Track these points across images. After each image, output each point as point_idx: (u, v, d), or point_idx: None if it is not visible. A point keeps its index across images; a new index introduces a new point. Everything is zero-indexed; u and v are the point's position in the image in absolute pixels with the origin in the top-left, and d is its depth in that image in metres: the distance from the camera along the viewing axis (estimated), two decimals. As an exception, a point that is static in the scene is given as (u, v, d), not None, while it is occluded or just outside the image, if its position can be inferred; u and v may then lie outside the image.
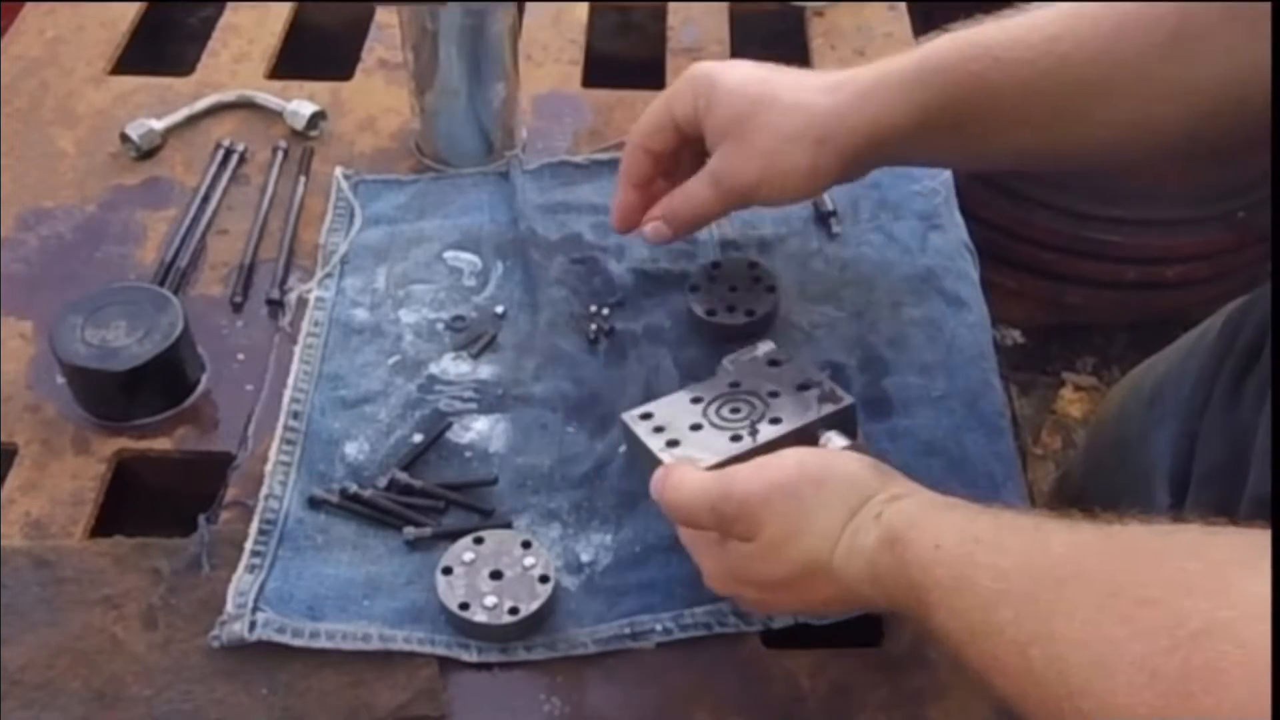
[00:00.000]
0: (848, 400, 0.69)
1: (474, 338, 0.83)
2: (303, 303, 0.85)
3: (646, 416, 0.70)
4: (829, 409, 0.68)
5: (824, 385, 0.70)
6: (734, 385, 0.71)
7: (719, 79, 0.75)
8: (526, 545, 0.69)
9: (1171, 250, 1.79)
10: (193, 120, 1.00)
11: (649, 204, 0.80)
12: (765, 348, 0.74)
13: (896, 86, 0.73)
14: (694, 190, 0.77)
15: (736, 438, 0.67)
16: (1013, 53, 0.70)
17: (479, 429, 0.78)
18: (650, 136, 0.78)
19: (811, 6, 1.12)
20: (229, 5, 1.12)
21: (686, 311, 0.84)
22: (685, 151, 0.79)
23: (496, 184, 0.95)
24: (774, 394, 0.70)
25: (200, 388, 0.80)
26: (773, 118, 0.73)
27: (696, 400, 0.70)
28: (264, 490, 0.73)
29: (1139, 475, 0.84)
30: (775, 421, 0.68)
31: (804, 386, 0.70)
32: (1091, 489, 0.95)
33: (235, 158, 0.96)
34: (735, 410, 0.69)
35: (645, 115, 0.78)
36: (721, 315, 0.82)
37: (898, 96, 0.72)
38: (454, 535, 0.70)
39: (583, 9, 1.12)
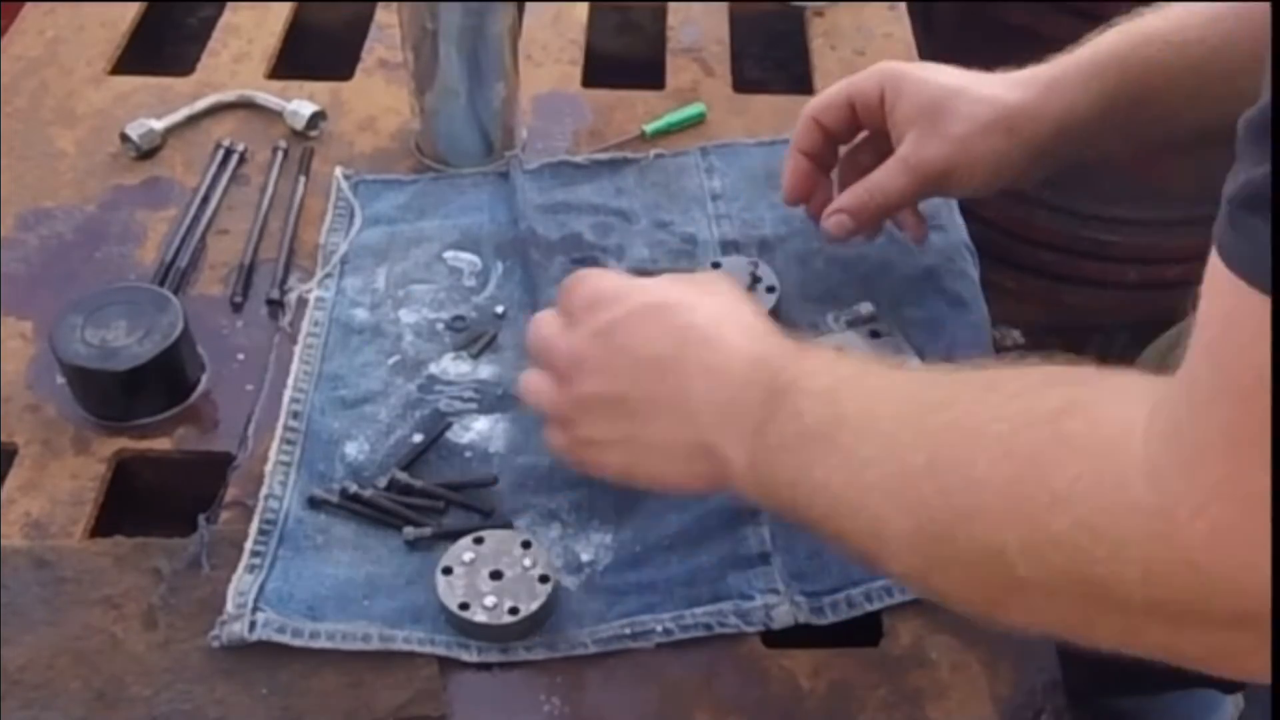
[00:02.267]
0: None
1: (474, 338, 0.83)
2: (303, 303, 0.85)
3: None
4: None
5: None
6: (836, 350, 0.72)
7: (907, 71, 0.78)
8: (526, 545, 0.69)
9: (1171, 250, 1.78)
10: (193, 120, 1.00)
11: (820, 174, 0.81)
12: (867, 308, 0.77)
13: (1078, 79, 0.75)
14: (882, 178, 0.78)
15: None
16: (1182, 35, 0.73)
17: (479, 429, 0.78)
18: (823, 111, 0.80)
19: (811, 6, 1.12)
20: (229, 5, 1.12)
21: None
22: (865, 145, 0.81)
23: (496, 184, 0.95)
24: None
25: (200, 388, 0.80)
26: (963, 106, 0.76)
27: None
28: (264, 490, 0.73)
29: None
30: None
31: None
32: None
33: (235, 158, 0.96)
34: None
35: (820, 95, 0.81)
36: None
37: (1081, 88, 0.75)
38: (454, 535, 0.70)
39: (583, 9, 1.12)
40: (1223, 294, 0.42)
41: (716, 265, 0.85)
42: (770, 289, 0.83)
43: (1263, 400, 0.39)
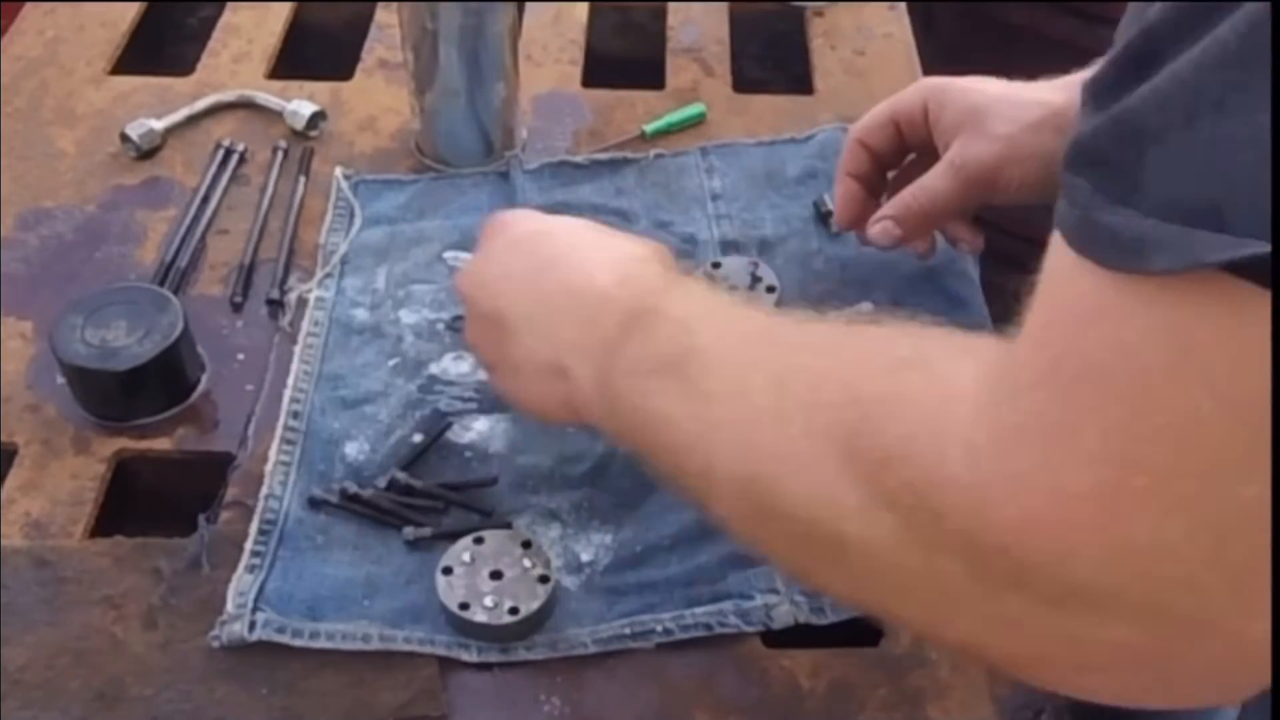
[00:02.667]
0: None
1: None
2: (303, 303, 0.85)
3: None
4: None
5: None
6: None
7: (950, 83, 0.78)
8: (526, 545, 0.69)
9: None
10: (193, 120, 1.00)
11: (870, 199, 0.81)
12: (866, 308, 0.76)
13: None
14: (930, 183, 0.76)
15: None
16: None
17: (479, 429, 0.78)
18: (869, 132, 0.80)
19: (811, 6, 1.12)
20: (229, 5, 1.12)
21: None
22: (913, 167, 0.81)
23: (496, 184, 0.95)
24: None
25: (200, 388, 0.80)
26: (1010, 109, 0.75)
27: None
28: (264, 490, 0.73)
29: None
30: None
31: None
32: None
33: (235, 158, 0.96)
34: None
35: (864, 117, 0.80)
36: None
37: None
38: (454, 535, 0.70)
39: (583, 9, 1.12)
40: (1055, 267, 0.39)
41: (716, 265, 0.85)
42: (770, 289, 0.83)
43: (1084, 391, 0.37)
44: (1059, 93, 0.75)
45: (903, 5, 1.12)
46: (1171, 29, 0.35)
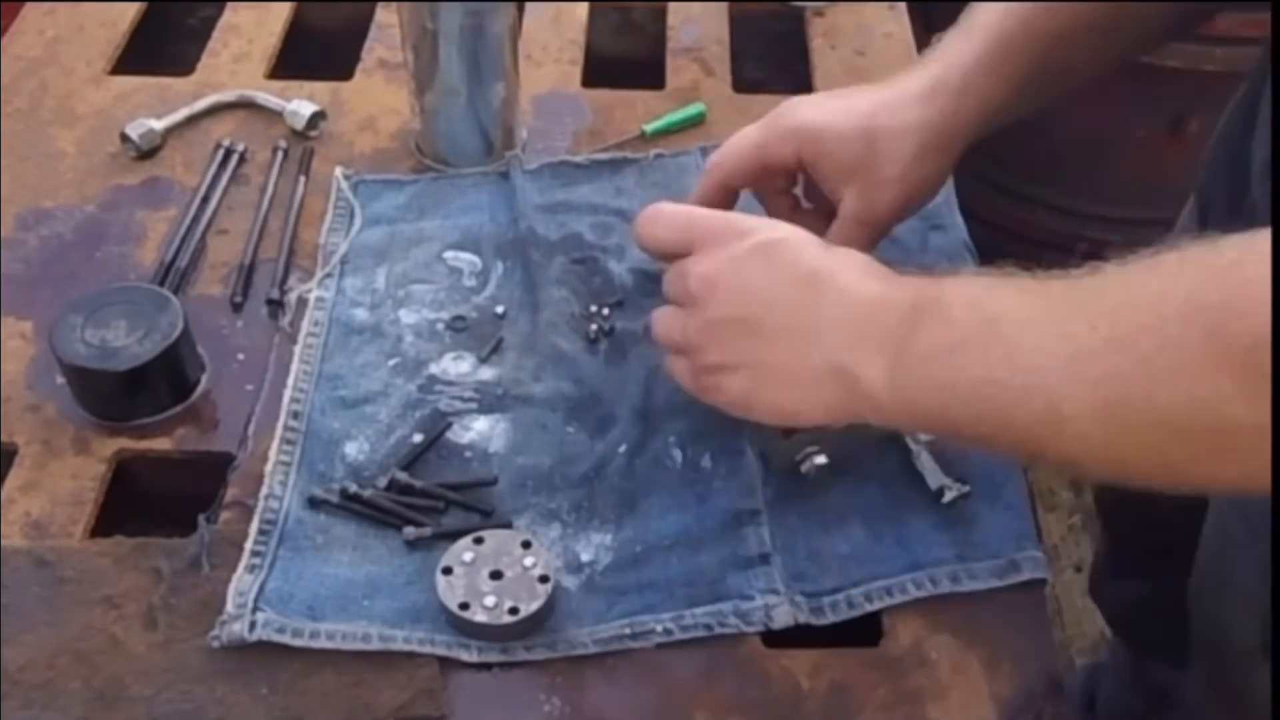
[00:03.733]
0: None
1: (482, 341, 0.83)
2: (303, 303, 0.85)
3: None
4: None
5: None
6: None
7: (822, 129, 0.77)
8: (526, 545, 0.69)
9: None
10: (193, 120, 1.00)
11: None
12: None
13: (983, 74, 0.75)
14: (843, 240, 0.76)
15: None
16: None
17: (479, 429, 0.78)
18: (737, 176, 0.80)
19: (811, 6, 1.12)
20: (229, 5, 1.12)
21: None
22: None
23: (496, 184, 0.95)
24: None
25: (200, 388, 0.80)
26: (890, 145, 0.75)
27: None
28: (264, 490, 0.73)
29: None
30: None
31: None
32: None
33: (235, 158, 0.96)
34: None
35: (730, 155, 0.79)
36: None
37: (988, 82, 0.75)
38: (454, 535, 0.70)
39: (583, 9, 1.12)
40: None
41: None
42: None
43: None
44: (924, 106, 0.75)
45: (903, 5, 1.12)
46: None
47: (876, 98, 0.77)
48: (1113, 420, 0.53)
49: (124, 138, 0.96)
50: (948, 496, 0.73)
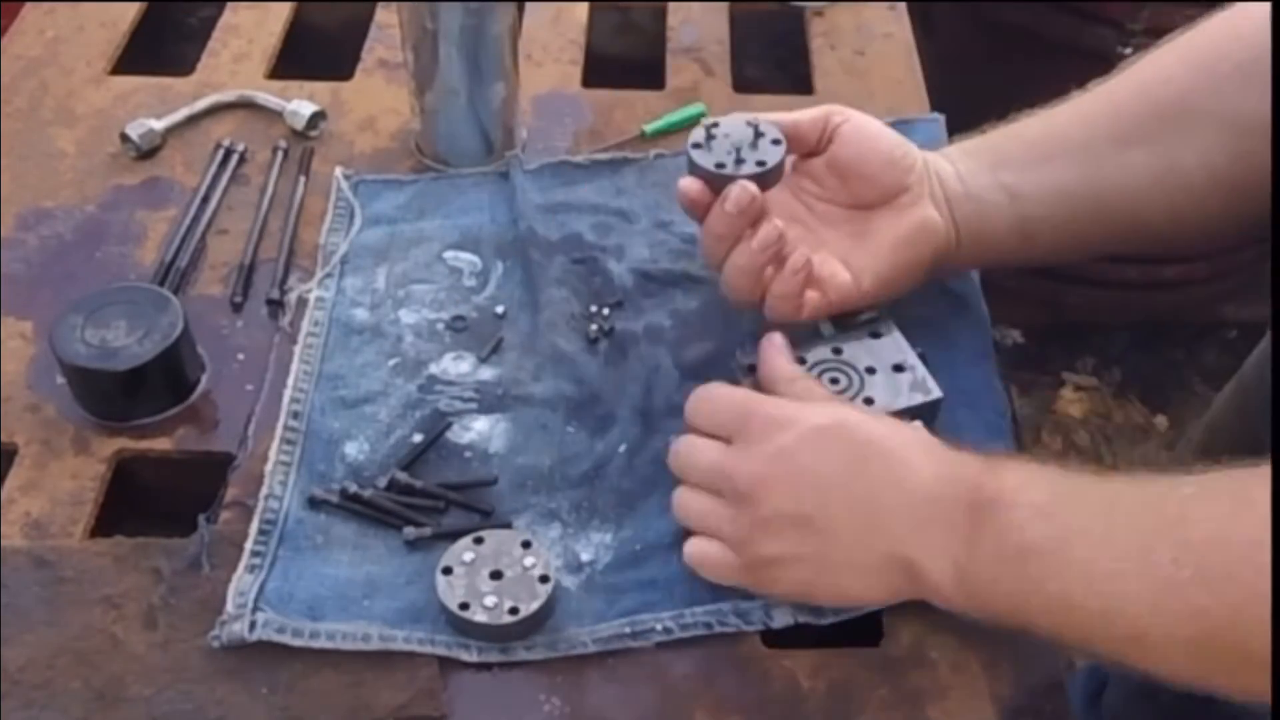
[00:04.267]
0: (936, 394, 0.73)
1: (482, 341, 0.83)
2: (303, 303, 0.85)
3: (752, 369, 0.73)
4: (918, 399, 0.72)
5: (917, 371, 0.73)
6: (836, 351, 0.75)
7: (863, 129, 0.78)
8: (526, 545, 0.69)
9: (1171, 250, 1.78)
10: (193, 120, 1.00)
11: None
12: (868, 314, 0.77)
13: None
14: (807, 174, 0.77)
15: None
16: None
17: (479, 429, 0.78)
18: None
19: (811, 6, 1.12)
20: (229, 5, 1.12)
21: (689, 167, 0.78)
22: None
23: (496, 184, 0.95)
24: (870, 370, 0.74)
25: (200, 388, 0.80)
26: (926, 174, 0.78)
27: (800, 361, 0.73)
28: (264, 490, 0.73)
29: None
30: (868, 401, 0.73)
31: (899, 368, 0.74)
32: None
33: (235, 158, 0.96)
34: (834, 380, 0.74)
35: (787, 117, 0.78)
36: (731, 168, 0.77)
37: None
38: (454, 535, 0.70)
39: (583, 9, 1.12)
40: None
41: (714, 125, 0.79)
42: (775, 141, 0.79)
43: None
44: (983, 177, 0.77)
45: (903, 5, 1.12)
46: None
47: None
48: (1203, 653, 0.54)
49: (124, 138, 0.96)
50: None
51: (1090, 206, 0.76)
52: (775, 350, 0.72)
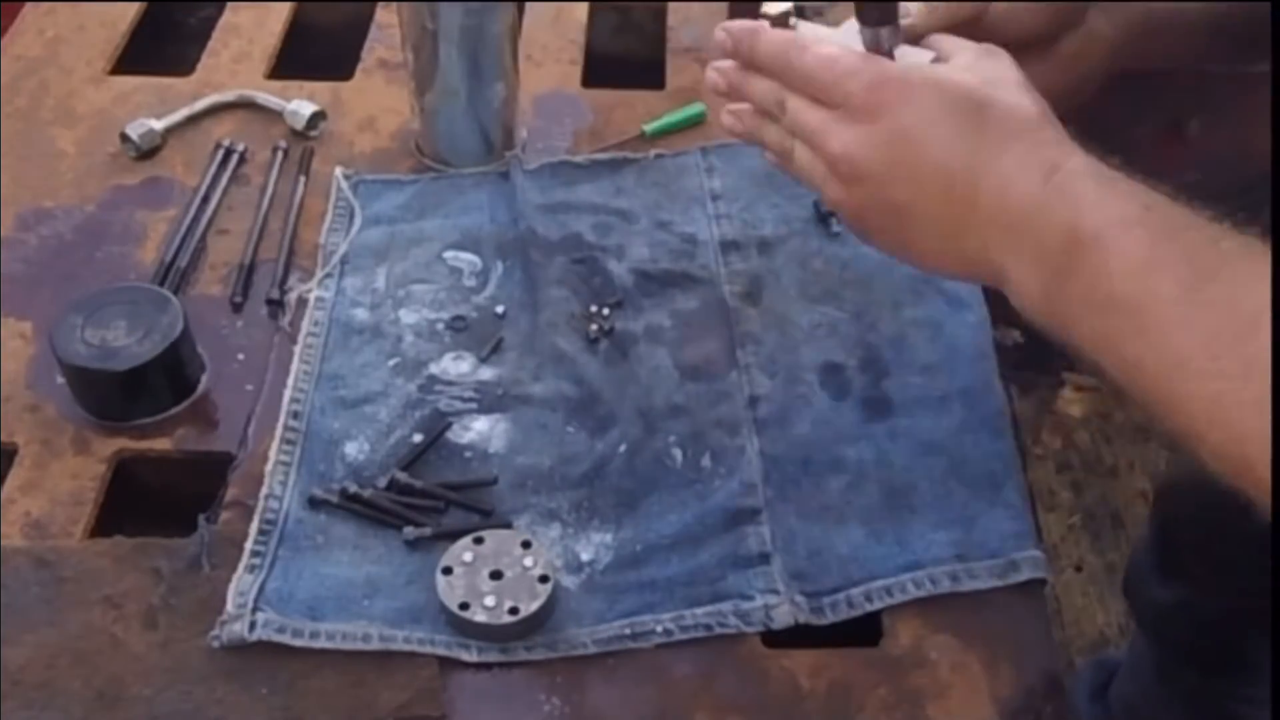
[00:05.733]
0: None
1: (482, 341, 0.83)
2: (303, 303, 0.85)
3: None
4: None
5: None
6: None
7: None
8: (526, 545, 0.69)
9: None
10: (193, 120, 1.00)
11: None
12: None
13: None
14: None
15: None
16: None
17: (479, 429, 0.78)
18: None
19: (811, 6, 1.12)
20: (229, 5, 1.12)
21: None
22: None
23: (496, 184, 0.95)
24: None
25: (200, 388, 0.80)
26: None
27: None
28: (264, 490, 0.73)
29: None
30: None
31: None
32: None
33: (235, 158, 0.96)
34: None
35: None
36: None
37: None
38: (454, 535, 0.70)
39: (583, 9, 1.12)
40: None
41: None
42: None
43: None
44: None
45: (902, 5, 1.12)
46: None
47: None
48: (1242, 466, 0.52)
49: (124, 138, 0.96)
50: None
51: None
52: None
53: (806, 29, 0.70)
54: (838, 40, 0.68)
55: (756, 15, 0.71)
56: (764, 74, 0.68)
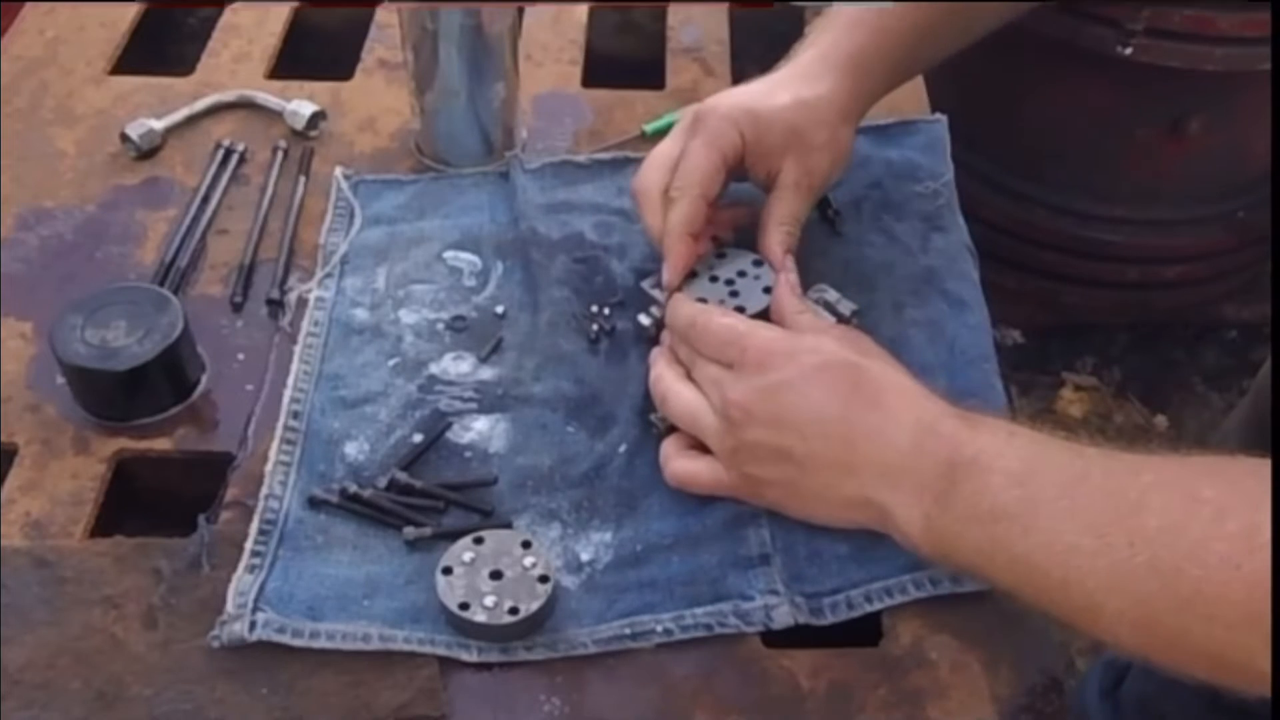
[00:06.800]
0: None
1: (482, 341, 0.83)
2: (303, 303, 0.85)
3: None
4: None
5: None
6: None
7: (756, 108, 0.81)
8: (526, 545, 0.69)
9: (1171, 250, 1.79)
10: (193, 120, 1.00)
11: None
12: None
13: (873, 58, 0.84)
14: (787, 208, 0.81)
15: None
16: None
17: (479, 429, 0.78)
18: (709, 185, 0.80)
19: (811, 6, 1.12)
20: (229, 5, 1.12)
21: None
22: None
23: (496, 184, 0.95)
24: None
25: (200, 388, 0.80)
26: (815, 115, 0.81)
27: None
28: (264, 490, 0.73)
29: None
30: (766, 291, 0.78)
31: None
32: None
33: (235, 158, 0.96)
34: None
35: (692, 167, 0.79)
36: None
37: (877, 65, 0.84)
38: (454, 535, 0.70)
39: (582, 9, 1.12)
40: None
41: (721, 255, 0.82)
42: (766, 290, 0.80)
43: None
44: (833, 79, 0.82)
45: (902, 5, 1.12)
46: None
47: (783, 78, 0.83)
48: (1147, 634, 0.57)
49: (124, 138, 0.96)
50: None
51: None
52: (785, 286, 0.77)
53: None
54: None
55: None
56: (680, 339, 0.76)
